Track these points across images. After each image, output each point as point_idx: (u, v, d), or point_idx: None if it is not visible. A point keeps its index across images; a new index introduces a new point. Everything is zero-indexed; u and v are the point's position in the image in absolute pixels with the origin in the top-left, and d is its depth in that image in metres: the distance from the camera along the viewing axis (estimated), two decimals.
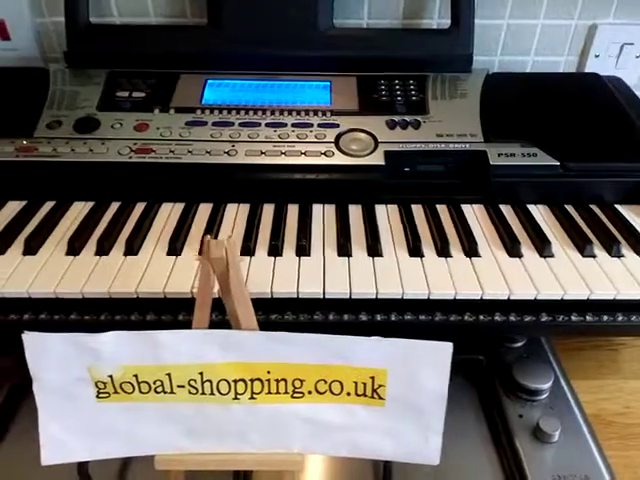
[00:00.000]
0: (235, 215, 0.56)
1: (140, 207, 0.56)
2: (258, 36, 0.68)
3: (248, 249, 0.50)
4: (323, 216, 0.56)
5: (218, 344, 0.37)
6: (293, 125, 0.61)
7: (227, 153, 0.57)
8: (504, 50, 0.80)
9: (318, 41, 0.69)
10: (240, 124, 0.61)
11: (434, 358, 0.36)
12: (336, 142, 0.59)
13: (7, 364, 0.53)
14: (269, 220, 0.55)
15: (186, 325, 0.38)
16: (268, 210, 0.56)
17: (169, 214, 0.55)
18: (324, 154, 0.57)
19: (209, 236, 0.35)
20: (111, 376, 0.37)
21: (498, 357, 0.56)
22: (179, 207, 0.56)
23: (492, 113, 0.62)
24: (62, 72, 0.67)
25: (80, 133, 0.58)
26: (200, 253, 0.48)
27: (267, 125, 0.61)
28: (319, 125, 0.61)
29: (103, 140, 0.58)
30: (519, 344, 0.57)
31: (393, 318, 0.46)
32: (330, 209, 0.57)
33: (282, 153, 0.58)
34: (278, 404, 0.39)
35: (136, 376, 0.37)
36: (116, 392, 0.38)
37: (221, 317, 0.45)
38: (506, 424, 0.49)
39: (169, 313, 0.46)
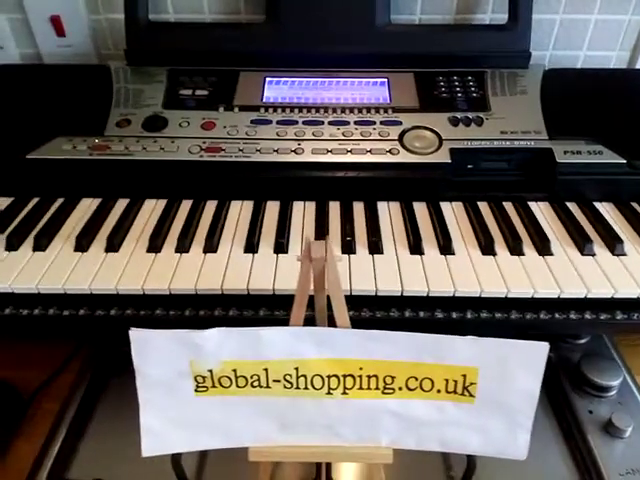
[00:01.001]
0: (303, 213, 0.57)
1: (211, 205, 0.57)
2: (316, 33, 0.69)
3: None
4: (389, 213, 0.57)
5: (314, 341, 0.38)
6: (356, 123, 0.61)
7: (294, 151, 0.58)
8: (556, 45, 0.80)
9: (375, 38, 0.69)
10: (304, 122, 0.61)
11: (529, 358, 0.37)
12: (400, 140, 0.59)
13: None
14: (337, 218, 0.56)
15: (265, 321, 0.39)
16: (335, 207, 0.57)
17: (240, 211, 0.57)
18: (389, 152, 0.58)
19: (310, 237, 0.36)
20: (211, 370, 0.39)
21: (562, 353, 0.56)
22: (248, 205, 0.58)
23: (554, 110, 0.62)
24: (123, 70, 0.68)
25: (149, 131, 0.60)
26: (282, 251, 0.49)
27: (330, 123, 0.61)
28: (382, 123, 0.61)
29: (173, 139, 0.59)
30: (583, 340, 0.58)
31: (469, 316, 0.47)
32: (395, 206, 0.58)
33: (348, 151, 0.58)
34: (369, 399, 0.40)
35: (235, 371, 0.39)
36: (214, 386, 0.40)
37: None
38: (576, 420, 0.50)
39: (251, 309, 0.47)
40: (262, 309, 0.48)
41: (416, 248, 0.51)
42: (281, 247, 0.51)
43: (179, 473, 0.45)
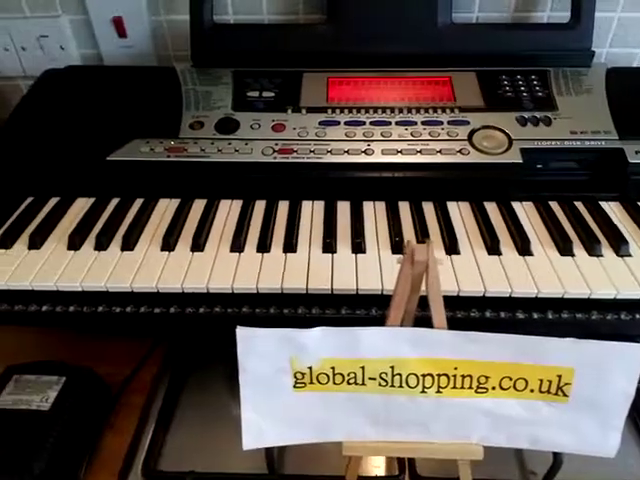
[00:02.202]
0: (374, 213, 0.58)
1: (284, 205, 0.59)
2: (378, 33, 0.69)
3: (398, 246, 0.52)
4: (460, 214, 0.57)
5: (411, 341, 0.39)
6: (423, 123, 0.62)
7: (364, 152, 0.59)
8: (613, 42, 0.79)
9: (437, 37, 0.69)
10: (371, 123, 0.62)
11: (625, 359, 0.37)
12: (469, 139, 0.60)
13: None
14: (408, 218, 0.57)
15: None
16: (404, 208, 0.58)
17: (312, 211, 0.58)
18: (460, 152, 0.59)
19: (411, 240, 0.37)
20: (310, 367, 0.40)
21: None
22: (319, 205, 0.59)
23: (622, 109, 0.62)
24: (189, 72, 0.70)
25: (222, 133, 0.61)
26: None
27: (398, 123, 0.62)
28: (449, 122, 0.62)
29: (246, 141, 0.60)
30: None
31: (550, 316, 0.48)
32: (465, 207, 0.58)
33: (418, 152, 0.59)
34: (462, 398, 0.41)
35: (333, 368, 0.40)
36: (312, 382, 0.41)
37: (381, 312, 0.47)
38: None
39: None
40: (343, 307, 0.49)
41: (494, 249, 0.51)
42: (359, 247, 0.52)
43: (270, 463, 0.46)
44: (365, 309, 0.48)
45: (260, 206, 0.59)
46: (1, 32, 0.80)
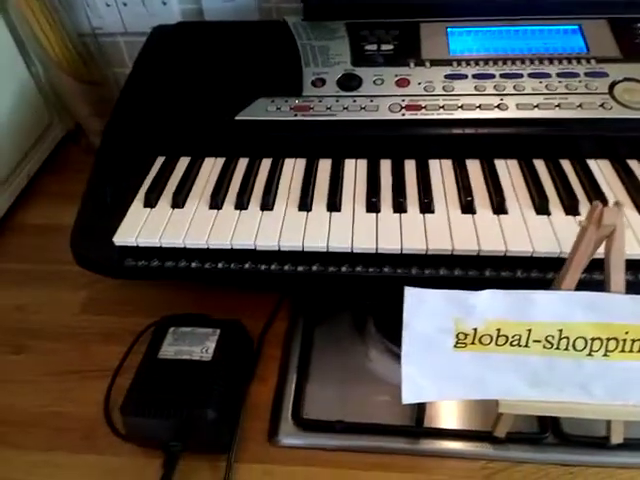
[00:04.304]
0: (508, 172, 0.56)
1: (410, 164, 0.57)
2: None
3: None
4: (602, 173, 0.54)
5: (583, 305, 0.39)
6: (558, 75, 0.59)
7: (498, 107, 0.57)
8: None
9: None
10: (501, 75, 0.59)
11: None
12: (610, 93, 0.56)
13: None
14: (547, 175, 0.55)
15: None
16: (540, 165, 0.56)
17: (441, 170, 0.57)
18: (602, 106, 0.55)
19: (599, 202, 0.36)
20: (475, 329, 0.41)
21: None
22: (447, 163, 0.57)
23: None
24: (302, 26, 0.68)
25: (345, 90, 0.60)
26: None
27: (530, 76, 0.59)
28: (586, 74, 0.58)
29: (371, 97, 0.59)
30: None
31: None
32: (605, 165, 0.55)
33: (556, 106, 0.56)
34: (629, 361, 0.40)
35: (498, 330, 0.41)
36: (473, 343, 0.42)
37: (541, 275, 0.47)
38: None
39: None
40: (488, 269, 0.49)
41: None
42: (501, 207, 0.51)
43: (420, 418, 0.48)
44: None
45: (386, 166, 0.58)
46: None
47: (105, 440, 0.51)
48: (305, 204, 0.53)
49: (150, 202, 0.54)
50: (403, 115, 0.57)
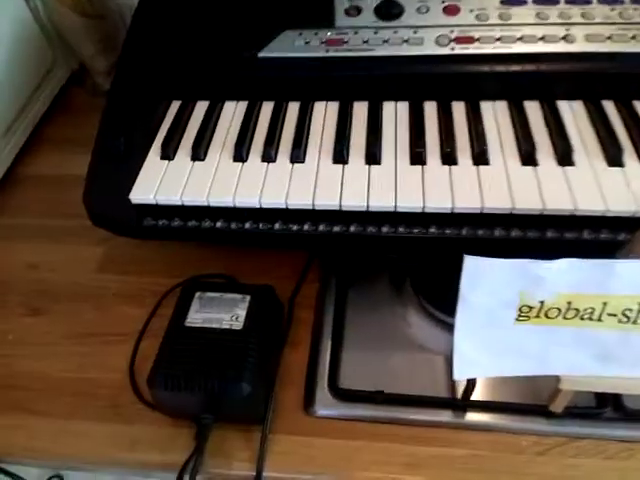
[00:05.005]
0: (573, 116, 0.49)
1: (459, 106, 0.50)
2: None
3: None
4: None
5: None
6: (633, 1, 0.50)
7: (564, 39, 0.49)
8: None
9: None
10: (567, 1, 0.51)
11: None
12: None
13: None
14: (617, 118, 0.48)
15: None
16: (609, 106, 0.49)
17: (495, 114, 0.50)
18: None
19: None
20: (542, 302, 0.36)
21: None
22: (502, 105, 0.50)
23: None
24: None
25: (384, 20, 0.52)
26: None
27: (600, 1, 0.50)
28: None
29: (414, 28, 0.51)
30: None
31: None
32: None
33: (631, 38, 0.48)
34: None
35: (569, 303, 0.36)
36: (537, 316, 0.37)
37: (612, 236, 0.41)
38: None
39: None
40: (550, 230, 0.43)
41: None
42: (568, 158, 0.45)
43: (468, 392, 0.44)
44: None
45: (432, 109, 0.51)
46: None
47: (132, 408, 0.49)
48: (341, 156, 0.47)
49: (167, 154, 0.49)
50: (452, 49, 0.50)
